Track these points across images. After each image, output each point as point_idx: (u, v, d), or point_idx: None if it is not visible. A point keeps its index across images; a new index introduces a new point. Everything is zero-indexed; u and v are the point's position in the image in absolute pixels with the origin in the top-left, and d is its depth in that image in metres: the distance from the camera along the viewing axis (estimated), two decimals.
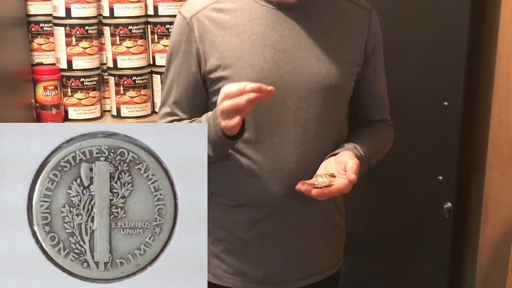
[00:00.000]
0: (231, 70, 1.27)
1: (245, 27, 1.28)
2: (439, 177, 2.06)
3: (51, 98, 2.08)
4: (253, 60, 1.27)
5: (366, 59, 1.38)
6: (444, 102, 2.00)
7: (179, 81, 1.34)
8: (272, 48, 1.28)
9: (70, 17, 2.04)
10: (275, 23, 1.29)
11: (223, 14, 1.30)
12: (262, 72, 1.27)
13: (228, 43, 1.28)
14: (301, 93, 1.29)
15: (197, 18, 1.30)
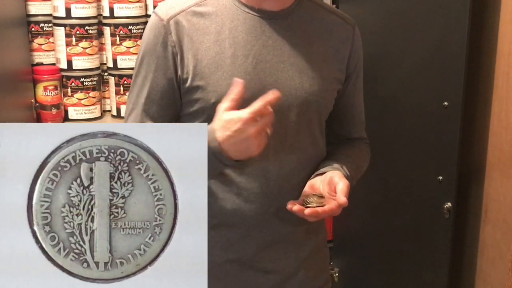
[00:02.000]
0: (209, 79, 1.18)
1: (226, 34, 1.20)
2: (439, 177, 2.06)
3: (51, 98, 2.08)
4: (233, 70, 1.19)
5: (348, 76, 1.33)
6: (444, 102, 2.00)
7: (151, 87, 1.22)
8: (254, 58, 1.20)
9: (70, 17, 2.04)
10: (258, 31, 1.21)
11: (203, 18, 1.21)
12: (244, 84, 1.15)
13: (207, 50, 1.19)
14: (283, 107, 1.19)
15: (175, 21, 1.19)
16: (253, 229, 1.25)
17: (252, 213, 1.24)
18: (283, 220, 1.25)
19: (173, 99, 1.23)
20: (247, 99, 1.11)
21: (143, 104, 1.23)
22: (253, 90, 1.16)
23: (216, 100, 1.16)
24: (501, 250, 2.03)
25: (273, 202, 1.23)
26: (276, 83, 1.20)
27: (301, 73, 1.23)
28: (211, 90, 1.18)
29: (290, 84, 1.22)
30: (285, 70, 1.22)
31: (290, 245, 1.31)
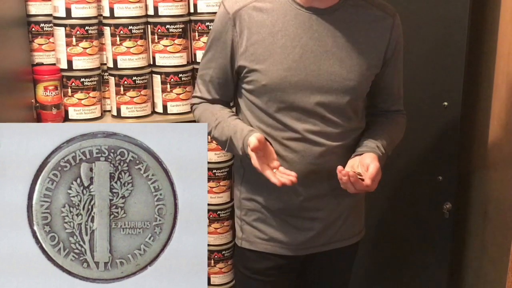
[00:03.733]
0: (262, 65, 1.44)
1: (279, 27, 1.43)
2: (439, 177, 2.06)
3: (51, 98, 2.08)
4: (282, 58, 1.43)
5: (385, 62, 1.52)
6: (444, 102, 2.00)
7: (216, 65, 1.52)
8: (301, 49, 1.43)
9: (70, 17, 2.04)
10: (307, 25, 1.43)
11: (261, 13, 1.45)
12: (290, 69, 1.43)
13: (262, 41, 1.44)
14: (323, 90, 1.45)
15: (239, 14, 1.45)
16: (299, 185, 1.46)
17: (300, 171, 1.45)
18: (325, 178, 1.50)
19: (230, 77, 1.53)
20: (293, 83, 1.44)
21: (210, 75, 1.56)
22: (298, 76, 1.44)
23: (266, 82, 1.45)
24: (501, 250, 2.03)
25: (316, 164, 1.48)
26: (319, 70, 1.44)
27: (341, 62, 1.45)
28: (263, 74, 1.45)
29: (330, 71, 1.45)
30: (327, 59, 1.44)
31: (330, 198, 1.54)
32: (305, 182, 1.50)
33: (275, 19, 1.44)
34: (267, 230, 1.58)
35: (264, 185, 1.49)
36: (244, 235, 1.62)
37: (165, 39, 2.12)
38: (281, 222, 1.57)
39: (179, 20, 2.12)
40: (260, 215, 1.58)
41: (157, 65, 2.16)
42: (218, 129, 1.50)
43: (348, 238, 1.63)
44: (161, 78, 2.17)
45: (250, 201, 1.59)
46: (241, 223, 1.63)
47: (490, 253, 2.12)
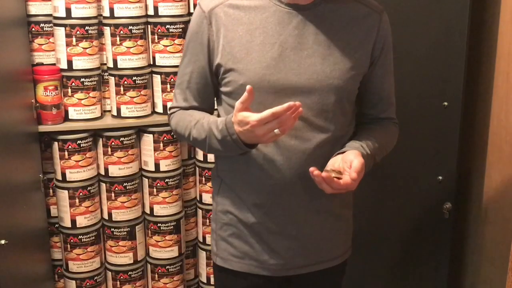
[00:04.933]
0: (240, 64, 1.36)
1: (257, 24, 1.36)
2: (439, 177, 2.06)
3: (51, 98, 2.08)
4: (261, 56, 1.35)
5: (373, 61, 1.43)
6: (444, 102, 2.00)
7: (194, 68, 1.43)
8: (280, 46, 1.35)
9: (70, 17, 2.04)
10: (286, 22, 1.36)
11: (238, 10, 1.38)
12: (269, 68, 1.35)
13: (240, 39, 1.36)
14: (304, 89, 1.35)
15: (215, 12, 1.38)
16: (280, 195, 1.40)
17: (280, 181, 1.38)
18: (308, 190, 1.39)
19: (210, 80, 1.44)
20: (272, 83, 1.35)
21: (187, 81, 1.46)
22: (277, 74, 1.35)
23: (244, 82, 1.35)
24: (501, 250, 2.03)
25: (296, 174, 1.38)
26: (299, 68, 1.36)
27: (324, 59, 1.36)
28: (240, 73, 1.36)
29: (312, 69, 1.36)
30: (308, 56, 1.36)
31: (313, 214, 1.44)
32: (285, 195, 1.40)
33: (252, 16, 1.37)
34: (242, 247, 1.47)
35: (241, 197, 1.43)
36: (219, 252, 1.51)
37: (165, 39, 2.12)
38: (257, 239, 1.45)
39: (179, 20, 2.12)
40: (236, 230, 1.47)
41: (157, 65, 2.16)
42: (197, 128, 1.40)
43: (332, 259, 1.51)
44: (161, 78, 2.17)
45: (226, 214, 1.48)
46: (216, 237, 1.52)
47: (490, 253, 2.12)
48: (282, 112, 1.21)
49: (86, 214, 2.18)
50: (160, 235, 2.28)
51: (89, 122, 2.14)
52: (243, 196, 1.44)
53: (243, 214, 1.45)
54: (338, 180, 1.28)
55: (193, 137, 1.41)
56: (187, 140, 1.45)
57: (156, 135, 2.18)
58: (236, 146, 1.31)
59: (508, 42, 1.95)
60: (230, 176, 1.46)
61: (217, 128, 1.34)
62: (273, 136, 1.25)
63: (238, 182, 1.44)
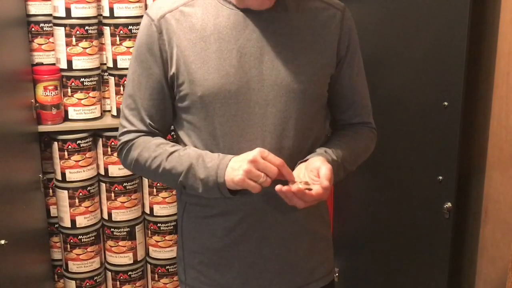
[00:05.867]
0: (196, 74, 1.24)
1: (211, 30, 1.24)
2: (439, 177, 2.05)
3: (51, 98, 2.08)
4: (219, 64, 1.23)
5: (339, 60, 1.33)
6: (444, 102, 1.99)
7: (148, 84, 1.29)
8: (238, 52, 1.24)
9: (70, 17, 2.04)
10: (242, 26, 1.25)
11: (190, 17, 1.26)
12: (228, 76, 1.23)
13: (193, 47, 1.24)
14: (269, 97, 1.25)
15: (165, 19, 1.26)
16: (249, 215, 1.29)
17: (248, 201, 1.27)
18: (280, 209, 1.28)
19: (166, 94, 1.29)
20: (232, 92, 1.23)
21: (140, 99, 1.29)
22: (238, 83, 1.23)
23: (202, 93, 1.24)
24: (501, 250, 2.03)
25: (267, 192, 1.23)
26: (261, 75, 1.24)
27: (286, 63, 1.25)
28: (197, 84, 1.24)
29: (275, 75, 1.25)
30: (269, 61, 1.25)
31: (288, 235, 1.33)
32: (257, 215, 1.29)
33: (205, 23, 1.25)
34: (212, 275, 1.35)
35: (208, 221, 1.32)
36: (188, 281, 1.39)
37: None
38: (228, 265, 1.33)
39: None
40: (204, 257, 1.35)
41: None
42: (171, 159, 1.25)
43: (313, 282, 1.39)
44: None
45: (193, 240, 1.36)
46: (185, 266, 1.40)
47: (490, 253, 2.12)
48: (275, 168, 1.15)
49: (86, 214, 2.18)
50: (160, 235, 2.28)
51: (89, 122, 2.14)
52: (210, 220, 1.32)
53: (212, 239, 1.33)
54: (310, 191, 1.16)
55: (164, 169, 1.25)
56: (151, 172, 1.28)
57: None
58: (218, 191, 1.21)
59: (508, 42, 1.94)
60: (196, 199, 1.32)
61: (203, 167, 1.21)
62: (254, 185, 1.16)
63: (205, 204, 1.32)
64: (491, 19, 2.02)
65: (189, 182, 1.23)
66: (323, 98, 1.33)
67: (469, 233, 2.24)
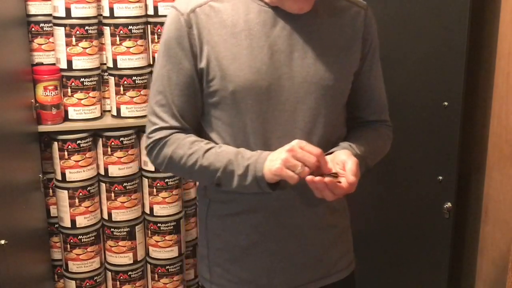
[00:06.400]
0: (227, 70, 1.24)
1: (242, 26, 1.24)
2: (439, 177, 2.05)
3: (51, 98, 2.08)
4: (250, 60, 1.24)
5: (362, 57, 1.36)
6: (444, 102, 1.99)
7: (178, 79, 1.27)
8: (269, 49, 1.25)
9: (70, 17, 2.04)
10: (272, 23, 1.25)
11: (220, 12, 1.25)
12: (260, 73, 1.24)
13: (224, 43, 1.24)
14: (299, 94, 1.26)
15: (195, 14, 1.24)
16: (275, 213, 1.31)
17: (274, 197, 1.28)
18: (304, 205, 1.31)
19: (197, 89, 1.28)
20: (264, 88, 1.24)
21: (171, 95, 1.27)
22: (269, 80, 1.24)
23: (234, 89, 1.24)
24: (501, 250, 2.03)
25: (293, 189, 1.26)
26: (291, 72, 1.26)
27: (316, 60, 1.27)
28: (228, 80, 1.24)
29: (305, 72, 1.26)
30: (299, 59, 1.26)
31: (313, 229, 1.36)
32: (284, 211, 1.32)
33: (236, 19, 1.25)
34: (239, 272, 1.36)
35: (234, 218, 1.33)
36: (213, 278, 1.39)
37: None
38: (254, 261, 1.35)
39: None
40: (230, 255, 1.36)
41: None
42: (208, 156, 1.25)
43: (337, 272, 1.42)
44: None
45: (219, 237, 1.37)
46: (210, 263, 1.40)
47: (490, 253, 2.12)
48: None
49: (86, 214, 2.18)
50: (160, 235, 2.28)
51: (89, 122, 2.14)
52: (237, 217, 1.33)
53: (238, 237, 1.34)
54: (340, 184, 1.18)
55: (201, 166, 1.24)
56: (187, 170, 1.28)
57: None
58: (257, 185, 1.21)
59: (508, 42, 1.95)
60: (221, 196, 1.34)
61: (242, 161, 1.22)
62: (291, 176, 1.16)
63: (231, 202, 1.33)
64: (491, 19, 2.02)
65: (227, 178, 1.23)
66: (346, 95, 1.36)
67: (469, 233, 2.24)
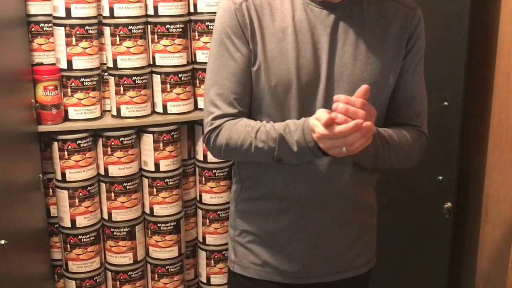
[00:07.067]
0: (271, 63, 1.29)
1: (289, 22, 1.30)
2: (439, 177, 2.06)
3: (51, 98, 2.08)
4: (294, 56, 1.28)
5: (405, 56, 1.37)
6: (444, 102, 2.00)
7: (236, 66, 1.31)
8: (312, 46, 1.29)
9: (70, 17, 2.04)
10: (318, 21, 1.30)
11: (270, 6, 1.31)
12: (302, 69, 1.29)
13: (272, 36, 1.29)
14: (335, 92, 1.29)
15: (247, 5, 1.30)
16: (303, 202, 1.35)
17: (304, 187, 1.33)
18: (331, 197, 1.35)
19: (250, 76, 1.32)
20: (304, 84, 1.28)
21: (228, 81, 1.31)
22: (310, 75, 1.29)
23: (277, 82, 1.29)
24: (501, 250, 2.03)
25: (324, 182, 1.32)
26: (331, 69, 1.30)
27: (354, 60, 1.30)
28: (272, 73, 1.29)
29: (341, 71, 1.30)
30: (339, 57, 1.30)
31: (337, 224, 1.39)
32: (312, 202, 1.35)
33: (284, 14, 1.30)
34: (262, 254, 1.42)
35: (264, 204, 1.39)
36: (237, 259, 1.46)
37: (165, 39, 2.12)
38: (278, 246, 1.40)
39: (179, 20, 2.12)
40: (255, 237, 1.42)
41: (157, 65, 2.16)
42: (260, 137, 1.27)
43: (355, 268, 1.46)
44: (161, 78, 2.17)
45: (246, 220, 1.43)
46: (234, 244, 1.47)
47: (490, 253, 2.12)
48: (347, 131, 1.13)
49: (86, 214, 2.18)
50: (160, 235, 2.28)
51: (89, 122, 2.13)
52: (266, 203, 1.38)
53: (266, 221, 1.39)
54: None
55: (257, 147, 1.28)
56: (243, 153, 1.31)
57: (156, 135, 2.18)
58: (312, 154, 1.23)
59: (508, 42, 1.95)
60: (254, 181, 1.40)
61: (291, 136, 1.24)
62: (339, 152, 1.18)
63: (262, 188, 1.38)
64: (491, 19, 2.02)
65: (284, 156, 1.27)
66: (385, 96, 1.36)
67: (469, 233, 2.25)
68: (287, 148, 1.25)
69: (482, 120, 2.10)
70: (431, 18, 1.96)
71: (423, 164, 2.08)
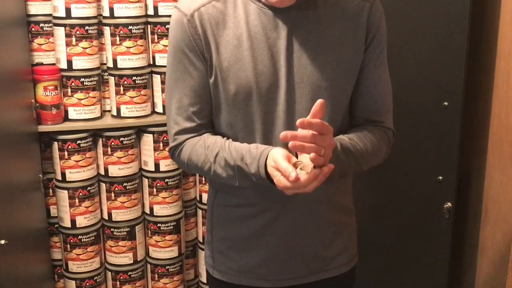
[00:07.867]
0: (228, 72, 1.25)
1: (243, 28, 1.25)
2: (439, 177, 2.05)
3: (51, 98, 2.08)
4: (251, 62, 1.25)
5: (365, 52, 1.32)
6: (444, 102, 1.99)
7: (194, 79, 1.28)
8: (269, 50, 1.25)
9: (70, 17, 2.04)
10: (272, 25, 1.26)
11: (223, 14, 1.26)
12: (261, 75, 1.25)
13: (227, 44, 1.25)
14: (296, 95, 1.27)
15: (198, 14, 1.25)
16: (277, 205, 1.33)
17: (275, 192, 1.25)
18: (307, 198, 1.29)
19: (208, 90, 1.29)
20: (264, 90, 1.25)
21: (186, 96, 1.29)
22: (270, 81, 1.25)
23: (236, 91, 1.25)
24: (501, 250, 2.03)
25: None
26: (289, 73, 1.26)
27: (313, 60, 1.26)
28: (230, 82, 1.25)
29: (301, 73, 1.26)
30: (297, 58, 1.26)
31: (311, 226, 1.37)
32: (287, 205, 1.33)
33: (237, 20, 1.26)
34: (239, 260, 1.40)
35: (239, 209, 1.37)
36: (215, 264, 1.45)
37: (165, 39, 2.12)
38: (255, 251, 1.38)
39: None
40: (232, 243, 1.40)
41: (157, 65, 2.16)
42: (219, 162, 1.26)
43: (335, 267, 1.44)
44: (161, 78, 2.17)
45: (222, 227, 1.42)
46: (212, 250, 1.45)
47: (490, 253, 2.12)
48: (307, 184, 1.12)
49: (86, 214, 2.18)
50: (160, 235, 2.28)
51: (89, 122, 2.14)
52: (240, 209, 1.37)
53: (240, 227, 1.38)
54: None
55: (215, 172, 1.27)
56: (205, 174, 1.33)
57: (156, 135, 2.18)
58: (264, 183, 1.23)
59: (508, 42, 1.95)
60: (226, 190, 1.38)
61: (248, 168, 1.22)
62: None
63: (235, 198, 1.37)
64: (491, 19, 2.02)
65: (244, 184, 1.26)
66: (348, 94, 1.32)
67: (469, 233, 2.24)
68: (247, 178, 1.24)
69: (482, 120, 2.09)
70: (431, 19, 1.96)
71: (423, 164, 2.09)
